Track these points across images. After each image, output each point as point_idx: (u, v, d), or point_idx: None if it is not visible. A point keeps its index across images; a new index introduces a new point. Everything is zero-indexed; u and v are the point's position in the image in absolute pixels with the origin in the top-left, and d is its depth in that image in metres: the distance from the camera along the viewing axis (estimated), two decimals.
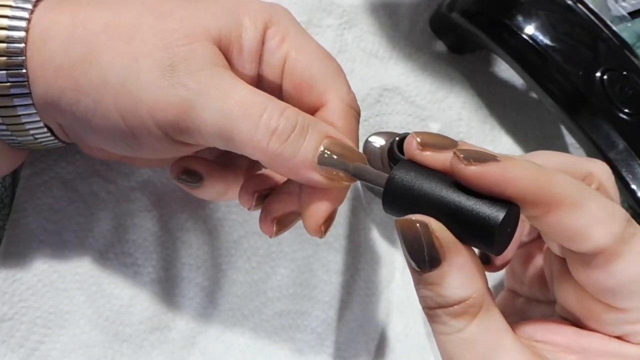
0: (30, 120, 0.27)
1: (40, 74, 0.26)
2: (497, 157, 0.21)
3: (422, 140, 0.23)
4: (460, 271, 0.22)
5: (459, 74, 0.43)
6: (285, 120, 0.24)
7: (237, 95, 0.24)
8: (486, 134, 0.42)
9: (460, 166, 0.21)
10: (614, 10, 0.47)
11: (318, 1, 0.41)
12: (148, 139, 0.26)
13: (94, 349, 0.33)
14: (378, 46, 0.42)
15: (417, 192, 0.22)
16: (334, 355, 0.36)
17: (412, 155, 0.23)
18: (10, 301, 0.32)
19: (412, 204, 0.22)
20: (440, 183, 0.22)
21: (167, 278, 0.35)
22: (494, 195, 0.21)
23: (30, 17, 0.26)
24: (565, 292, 0.25)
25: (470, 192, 0.22)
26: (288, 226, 0.29)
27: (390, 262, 0.38)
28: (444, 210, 0.22)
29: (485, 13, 0.39)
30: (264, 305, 0.36)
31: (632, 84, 0.37)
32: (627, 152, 0.36)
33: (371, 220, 0.38)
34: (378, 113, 0.40)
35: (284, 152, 0.25)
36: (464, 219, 0.21)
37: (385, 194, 0.23)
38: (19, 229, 0.33)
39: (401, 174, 0.23)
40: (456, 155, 0.21)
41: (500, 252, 0.22)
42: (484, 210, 0.21)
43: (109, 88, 0.25)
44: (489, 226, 0.21)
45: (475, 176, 0.21)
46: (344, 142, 0.26)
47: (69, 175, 0.34)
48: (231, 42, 0.26)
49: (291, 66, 0.27)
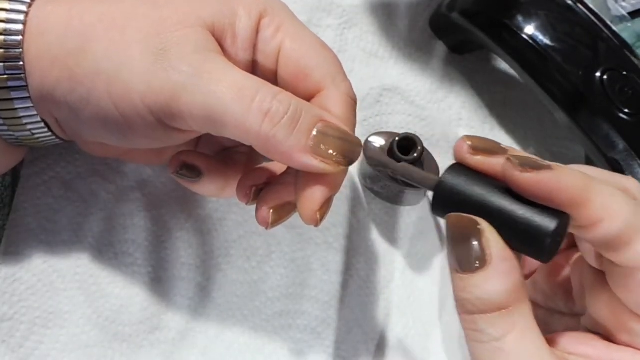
0: (27, 115, 0.27)
1: (36, 65, 0.26)
2: (551, 166, 0.21)
3: (474, 144, 0.23)
4: (504, 276, 0.21)
5: (459, 74, 0.43)
6: (278, 103, 0.24)
7: (229, 79, 0.24)
8: (486, 134, 0.42)
9: (514, 173, 0.21)
10: (614, 10, 0.47)
11: (318, 1, 0.41)
12: (141, 127, 0.26)
13: (94, 348, 0.33)
14: (378, 46, 0.42)
15: (468, 196, 0.22)
16: (334, 355, 0.36)
17: (463, 159, 0.23)
18: (10, 301, 0.32)
19: (462, 208, 0.22)
20: (491, 188, 0.22)
21: (167, 278, 0.35)
22: (546, 204, 0.21)
23: (29, 10, 0.26)
24: (598, 304, 0.25)
25: (521, 199, 0.22)
26: (284, 217, 0.29)
27: (390, 262, 0.38)
28: (494, 216, 0.22)
29: (485, 13, 0.39)
30: (263, 305, 0.36)
31: (632, 84, 0.37)
32: (627, 152, 0.36)
33: (371, 220, 0.38)
34: (378, 113, 0.40)
35: (277, 135, 0.24)
36: (515, 225, 0.21)
37: (436, 197, 0.23)
38: (18, 228, 0.33)
39: (451, 178, 0.23)
40: (510, 161, 0.21)
41: (550, 259, 0.22)
42: (536, 218, 0.21)
43: (102, 76, 0.25)
44: (541, 235, 0.21)
45: (529, 183, 0.21)
46: (339, 126, 0.26)
47: (69, 175, 0.34)
48: (225, 30, 0.27)
49: (286, 55, 0.27)
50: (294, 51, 0.27)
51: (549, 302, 0.31)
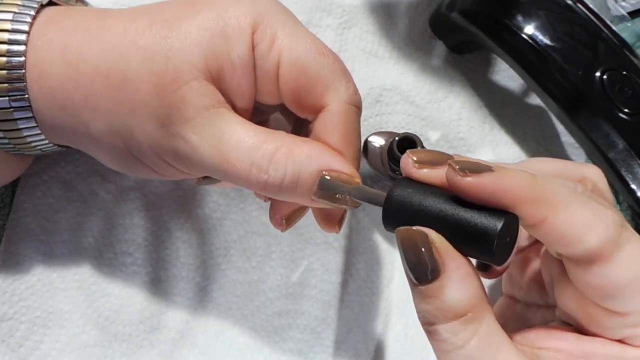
0: (37, 140, 0.28)
1: (43, 107, 0.26)
2: (492, 168, 0.21)
3: (418, 158, 0.23)
4: (460, 283, 0.22)
5: (459, 74, 0.43)
6: (274, 172, 0.25)
7: (226, 147, 0.25)
8: (486, 134, 0.42)
9: (456, 178, 0.21)
10: (614, 10, 0.47)
11: (318, 1, 0.41)
12: (154, 166, 0.27)
13: (94, 348, 0.33)
14: (378, 46, 0.42)
15: (416, 207, 0.22)
16: (334, 355, 0.36)
17: (410, 174, 0.23)
18: (10, 301, 0.32)
19: (412, 220, 0.22)
20: (439, 198, 0.22)
21: (167, 278, 0.35)
22: (492, 206, 0.21)
23: (28, 39, 0.26)
24: (565, 297, 0.25)
25: (468, 204, 0.22)
26: (297, 219, 0.30)
27: (390, 262, 0.38)
28: (443, 224, 0.22)
29: (485, 13, 0.39)
30: (263, 305, 0.36)
31: (632, 84, 0.37)
32: (627, 152, 0.36)
33: (371, 220, 0.38)
34: (378, 113, 0.40)
35: (281, 196, 0.26)
36: (463, 230, 0.21)
37: (385, 212, 0.23)
38: (18, 228, 0.33)
39: (399, 192, 0.23)
40: (452, 167, 0.21)
41: (502, 262, 0.22)
42: (482, 221, 0.21)
43: (117, 136, 0.26)
44: (488, 236, 0.21)
45: (471, 187, 0.21)
46: (339, 170, 0.26)
47: (69, 175, 0.34)
48: (221, 66, 0.26)
49: (285, 72, 0.27)
50: (293, 66, 0.26)
51: (525, 296, 0.31)
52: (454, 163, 0.22)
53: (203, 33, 0.26)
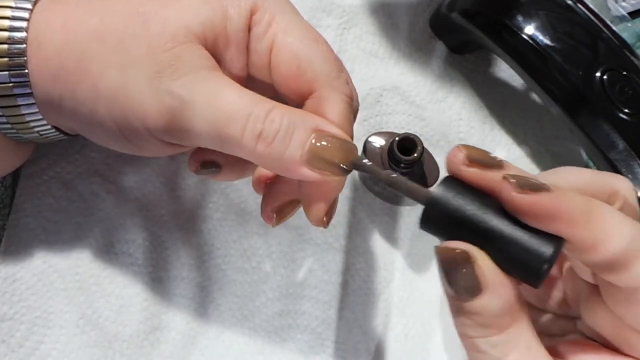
0: (34, 119, 0.27)
1: (39, 78, 0.26)
2: (549, 187, 0.20)
3: (469, 154, 0.22)
4: (501, 300, 0.21)
5: (459, 74, 0.43)
6: (269, 123, 0.25)
7: (222, 101, 0.25)
8: (486, 134, 0.42)
9: (512, 194, 0.20)
10: (614, 10, 0.47)
11: (318, 1, 0.41)
12: (145, 143, 0.27)
13: (94, 349, 0.33)
14: (378, 46, 0.42)
15: (460, 214, 0.21)
16: (334, 355, 0.36)
17: (458, 170, 0.22)
18: (10, 301, 0.32)
19: (453, 227, 0.21)
20: (484, 206, 0.21)
21: (167, 278, 0.35)
22: (542, 227, 0.20)
23: (30, 16, 0.26)
24: (595, 316, 0.24)
25: (516, 220, 0.21)
26: (289, 214, 0.29)
27: (390, 263, 0.38)
28: (487, 237, 0.21)
29: (485, 13, 0.39)
30: (263, 305, 0.36)
31: (632, 84, 0.37)
32: (627, 152, 0.36)
33: (371, 220, 0.38)
34: (378, 113, 0.40)
35: (272, 153, 0.25)
36: (509, 251, 0.21)
37: (425, 214, 0.22)
38: (18, 228, 0.33)
39: (443, 193, 0.21)
40: (507, 180, 0.20)
41: (541, 284, 0.21)
42: (532, 244, 0.20)
43: (101, 99, 0.26)
44: (537, 262, 0.20)
45: (527, 205, 0.20)
46: (334, 134, 0.25)
47: (69, 175, 0.34)
48: (216, 37, 0.26)
49: (278, 53, 0.27)
50: (285, 49, 0.27)
51: (543, 303, 0.31)
52: (509, 175, 0.21)
53: (204, 5, 0.26)
